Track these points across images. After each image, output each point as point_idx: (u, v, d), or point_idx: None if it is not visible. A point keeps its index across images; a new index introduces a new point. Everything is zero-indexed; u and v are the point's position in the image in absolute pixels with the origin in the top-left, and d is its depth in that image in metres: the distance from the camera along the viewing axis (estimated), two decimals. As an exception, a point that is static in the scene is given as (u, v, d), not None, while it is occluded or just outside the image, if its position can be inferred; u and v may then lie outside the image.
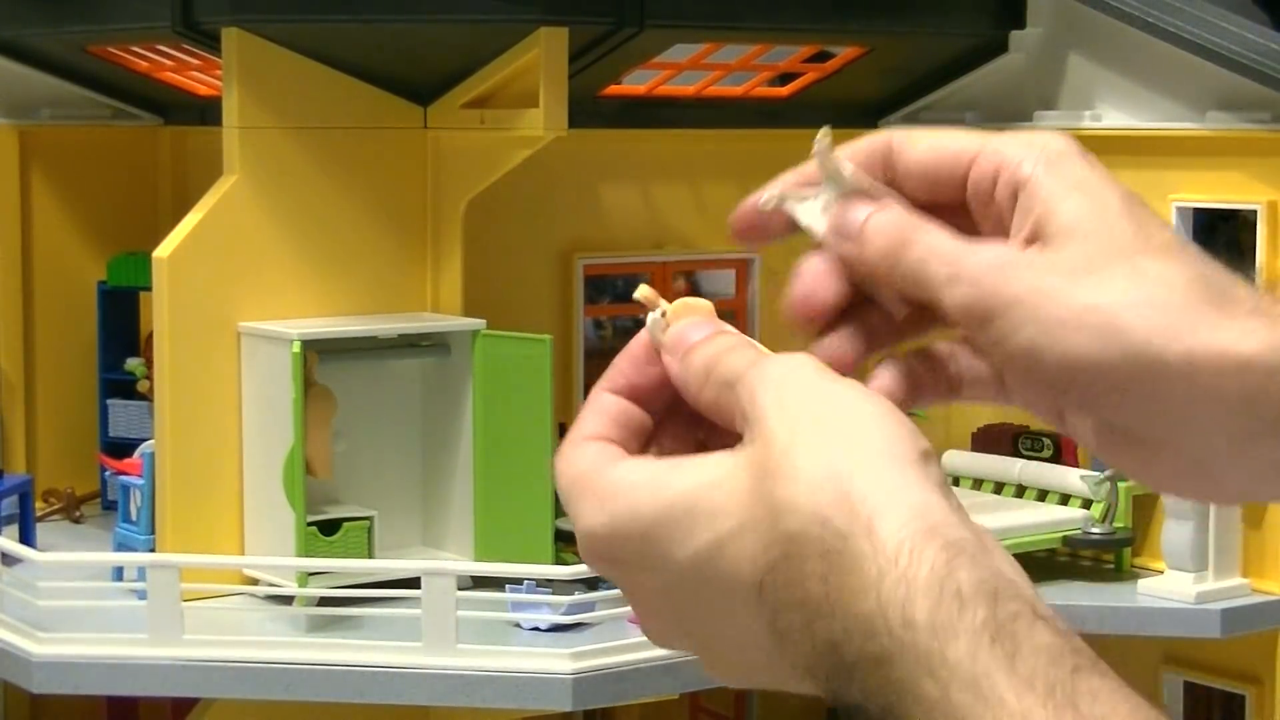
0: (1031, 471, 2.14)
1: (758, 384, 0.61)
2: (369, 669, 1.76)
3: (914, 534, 0.56)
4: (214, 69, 2.09)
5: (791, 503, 0.58)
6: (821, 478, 0.58)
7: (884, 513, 0.56)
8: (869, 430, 0.59)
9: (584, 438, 0.66)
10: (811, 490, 0.58)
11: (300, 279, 1.98)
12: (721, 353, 0.64)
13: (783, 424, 0.60)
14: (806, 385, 0.61)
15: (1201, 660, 2.11)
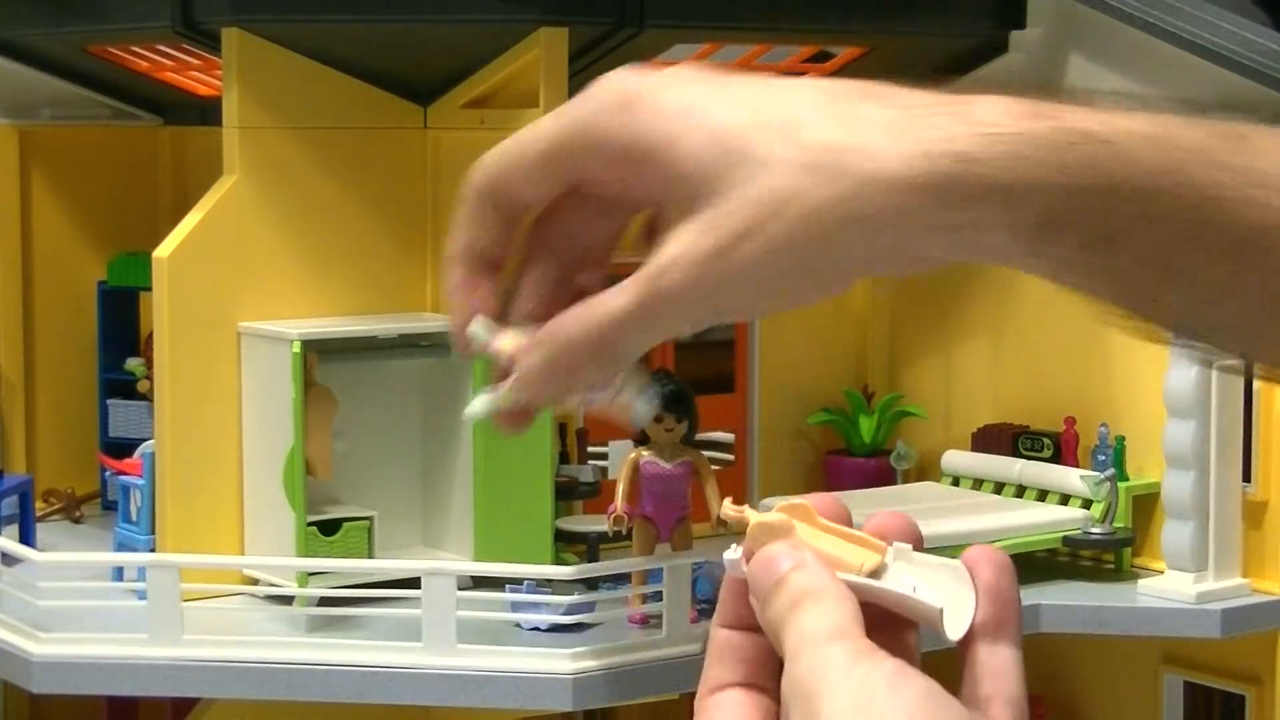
0: (1031, 471, 2.14)
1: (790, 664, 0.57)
2: (369, 669, 1.76)
3: None
4: (214, 69, 2.10)
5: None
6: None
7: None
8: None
9: (711, 690, 0.61)
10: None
11: (300, 279, 1.98)
12: (815, 595, 0.59)
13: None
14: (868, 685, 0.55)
15: (1201, 660, 2.11)
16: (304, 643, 1.80)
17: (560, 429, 2.06)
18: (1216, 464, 1.97)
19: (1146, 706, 2.16)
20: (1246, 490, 2.01)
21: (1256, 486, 2.02)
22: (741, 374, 2.31)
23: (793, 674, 0.56)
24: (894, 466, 2.29)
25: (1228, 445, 1.97)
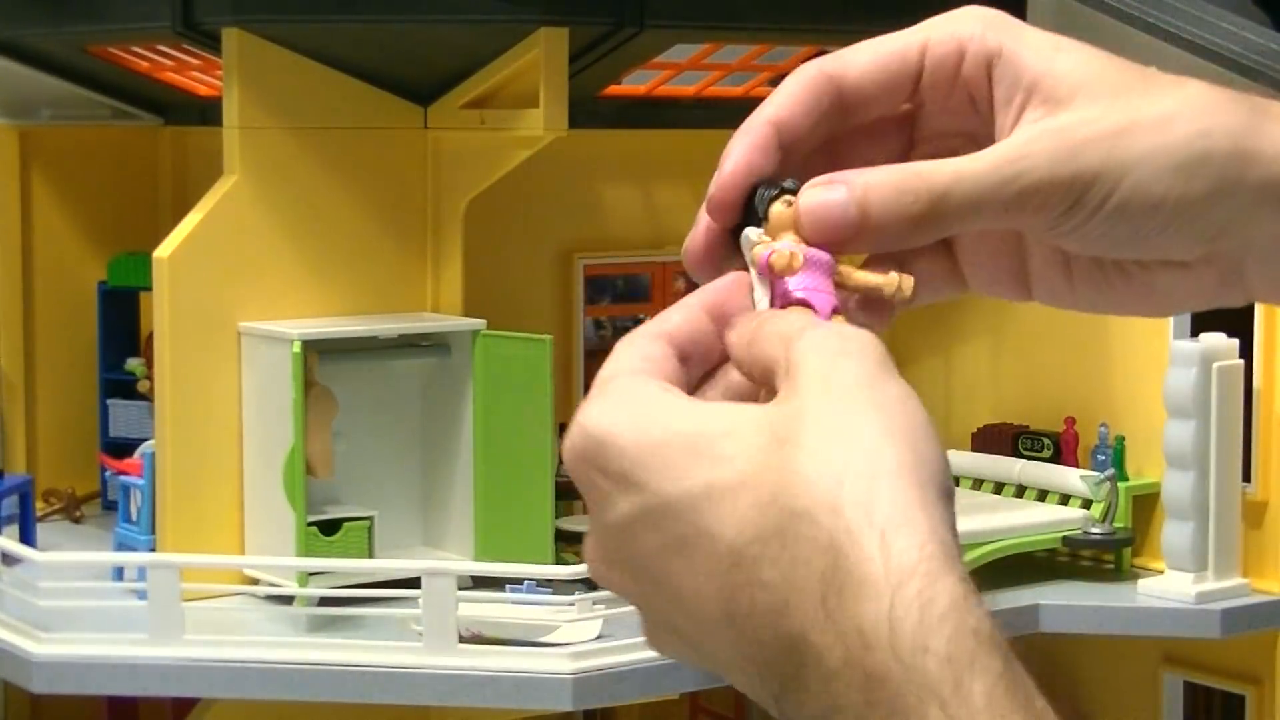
0: (1031, 471, 2.14)
1: (811, 349, 0.57)
2: (369, 669, 1.76)
3: (931, 557, 0.52)
4: (214, 69, 2.10)
5: (805, 480, 0.53)
6: (844, 469, 0.53)
7: (902, 527, 0.52)
8: (908, 443, 0.55)
9: (658, 333, 0.61)
10: (832, 476, 0.53)
11: (300, 279, 1.98)
12: (785, 310, 0.59)
13: (822, 400, 0.55)
14: (861, 371, 0.56)
15: (1201, 660, 2.11)
16: (304, 643, 1.80)
17: (560, 428, 2.06)
18: (1216, 464, 1.97)
19: (1146, 706, 2.17)
20: (1246, 490, 2.01)
21: (1256, 486, 2.02)
22: (741, 374, 2.30)
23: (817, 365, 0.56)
24: (894, 466, 2.29)
25: (1228, 445, 1.97)
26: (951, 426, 2.28)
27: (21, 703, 2.24)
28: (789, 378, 0.56)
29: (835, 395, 0.55)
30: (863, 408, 0.55)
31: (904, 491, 0.54)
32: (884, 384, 0.56)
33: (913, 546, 0.52)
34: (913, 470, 0.55)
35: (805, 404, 0.55)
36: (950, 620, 0.52)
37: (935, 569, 0.52)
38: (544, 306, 2.21)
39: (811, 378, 0.56)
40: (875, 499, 0.53)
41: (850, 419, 0.55)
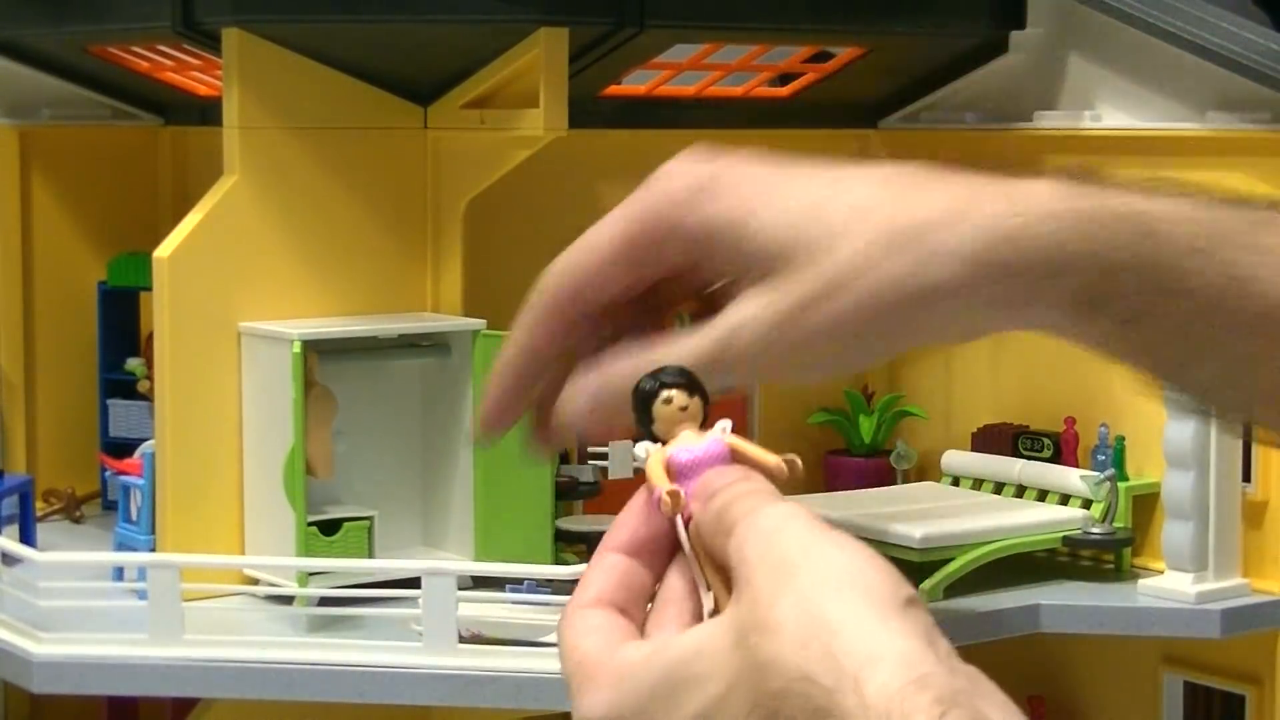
0: (1031, 471, 2.14)
1: (747, 538, 0.61)
2: (369, 669, 1.76)
3: (902, 687, 0.54)
4: (214, 69, 2.10)
5: (776, 660, 0.56)
6: (806, 633, 0.56)
7: (871, 666, 0.55)
8: (852, 582, 0.58)
9: (591, 602, 0.66)
10: (796, 646, 0.56)
11: (300, 279, 1.98)
12: (733, 500, 0.64)
13: (767, 580, 0.58)
14: (793, 538, 0.60)
15: (1201, 660, 2.11)
16: (304, 643, 1.80)
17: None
18: (1216, 464, 1.97)
19: (1146, 706, 2.17)
20: (1246, 490, 2.01)
21: (1256, 486, 2.02)
22: (741, 374, 2.30)
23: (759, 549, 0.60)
24: (894, 466, 2.29)
25: (1228, 445, 1.97)
26: (951, 426, 2.28)
27: (21, 703, 2.24)
28: (737, 578, 0.60)
29: (777, 573, 0.58)
30: (806, 572, 0.58)
31: (865, 629, 0.56)
32: (817, 542, 0.60)
33: (883, 683, 0.54)
34: (865, 604, 0.57)
35: (756, 592, 0.58)
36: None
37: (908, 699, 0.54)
38: (544, 306, 2.20)
39: (755, 566, 0.59)
40: (841, 652, 0.55)
41: (796, 588, 0.58)
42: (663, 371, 0.67)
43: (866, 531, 2.03)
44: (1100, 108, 2.13)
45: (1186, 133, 2.04)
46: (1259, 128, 1.98)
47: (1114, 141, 2.10)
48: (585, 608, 0.66)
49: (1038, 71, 2.19)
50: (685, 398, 0.67)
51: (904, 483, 2.28)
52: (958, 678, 0.56)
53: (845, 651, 0.55)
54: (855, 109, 2.31)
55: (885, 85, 2.29)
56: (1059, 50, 2.17)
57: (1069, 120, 2.13)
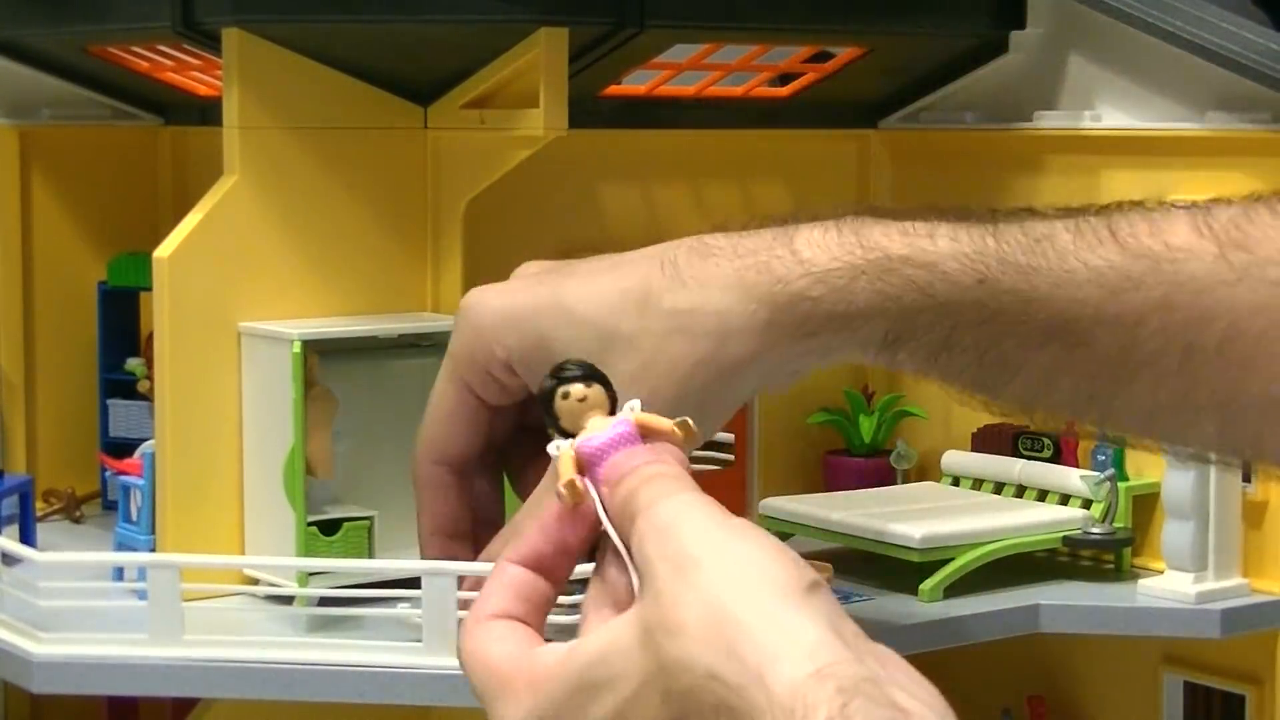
0: (1031, 471, 2.14)
1: (648, 534, 0.62)
2: (369, 669, 1.76)
3: (805, 679, 0.55)
4: (214, 69, 2.09)
5: (682, 660, 0.57)
6: (709, 631, 0.57)
7: (774, 660, 0.55)
8: (753, 573, 0.58)
9: (491, 615, 0.67)
10: (701, 645, 0.57)
11: (300, 279, 1.98)
12: (638, 486, 0.65)
13: (667, 577, 0.59)
14: (691, 531, 0.60)
15: (1201, 660, 2.11)
16: (304, 643, 1.80)
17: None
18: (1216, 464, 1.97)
19: (1146, 706, 2.17)
20: (1246, 490, 2.01)
21: (1256, 486, 2.02)
22: (741, 374, 2.30)
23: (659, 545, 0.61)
24: (894, 466, 2.29)
25: (1228, 445, 1.97)
26: (951, 426, 2.28)
27: (21, 703, 2.24)
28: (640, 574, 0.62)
29: (676, 567, 0.59)
30: (707, 567, 0.59)
31: (767, 621, 0.57)
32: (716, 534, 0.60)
33: (787, 676, 0.55)
34: (766, 594, 0.57)
35: (658, 590, 0.59)
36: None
37: (811, 692, 0.54)
38: (544, 306, 2.20)
39: (655, 562, 0.60)
40: (744, 647, 0.56)
41: (696, 582, 0.58)
42: (560, 368, 0.69)
43: (866, 531, 2.03)
44: (1100, 108, 2.13)
45: (1186, 133, 2.04)
46: (1259, 128, 1.98)
47: (1114, 141, 2.10)
48: (487, 620, 0.67)
49: (1038, 71, 2.19)
50: (583, 389, 0.68)
51: (904, 483, 2.28)
52: (864, 664, 0.56)
53: (749, 647, 0.56)
54: (855, 109, 2.31)
55: (885, 85, 2.29)
56: (1059, 50, 2.17)
57: (1069, 120, 2.13)
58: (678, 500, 0.62)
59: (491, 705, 0.64)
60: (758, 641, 0.56)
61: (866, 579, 2.03)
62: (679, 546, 0.60)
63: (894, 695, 0.56)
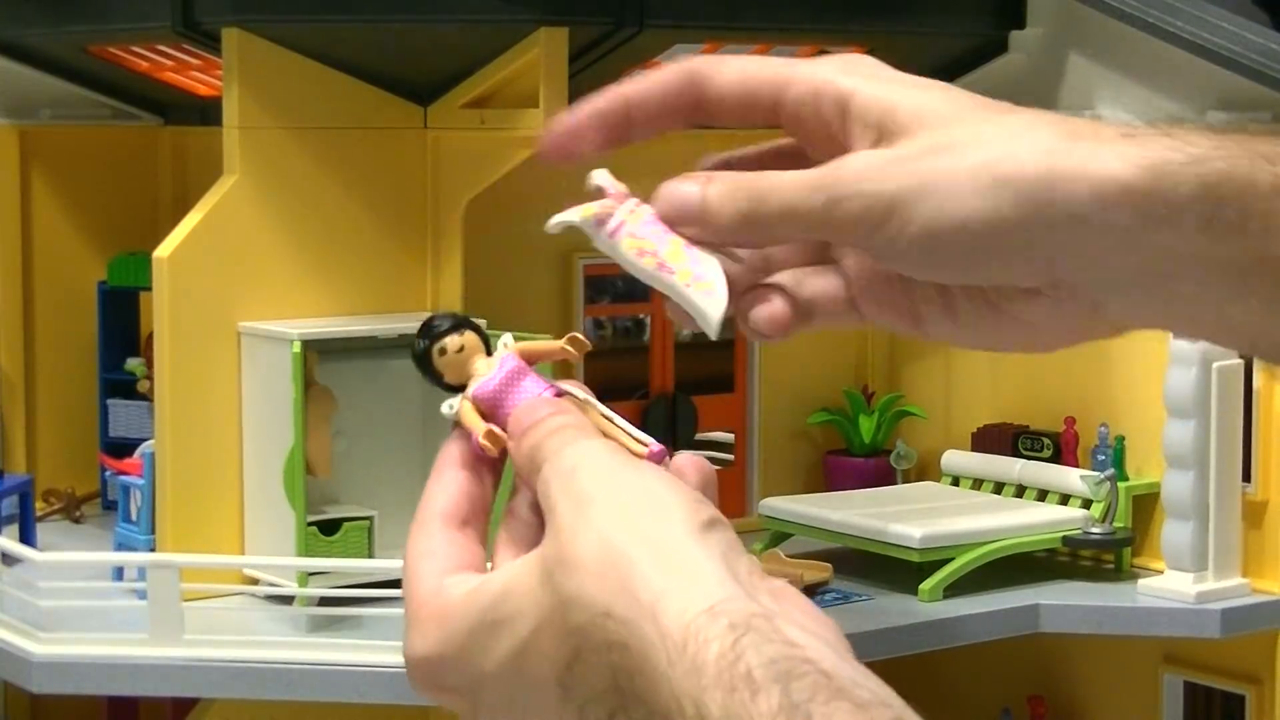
0: (1031, 471, 2.14)
1: (552, 477, 0.62)
2: (369, 669, 1.76)
3: (698, 616, 0.55)
4: (214, 69, 2.10)
5: (577, 595, 0.57)
6: (603, 567, 0.57)
7: (667, 596, 0.56)
8: (650, 509, 0.59)
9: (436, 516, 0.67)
10: (595, 580, 0.57)
11: (300, 279, 1.98)
12: (545, 435, 0.65)
13: (567, 515, 0.59)
14: (592, 471, 0.61)
15: (1201, 660, 2.11)
16: (304, 643, 1.80)
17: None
18: (1216, 464, 1.97)
19: (1146, 706, 2.17)
20: (1246, 490, 2.01)
21: (1256, 486, 2.02)
22: (741, 374, 2.31)
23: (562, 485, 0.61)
24: (894, 466, 2.29)
25: (1228, 445, 1.97)
26: (951, 426, 2.28)
27: (21, 703, 2.24)
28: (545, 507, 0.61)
29: (576, 506, 0.60)
30: (603, 504, 0.59)
31: (662, 557, 0.57)
32: (612, 473, 0.61)
33: (679, 611, 0.55)
34: (661, 531, 0.58)
35: (558, 528, 0.59)
36: (721, 683, 0.54)
37: (703, 629, 0.55)
38: (544, 306, 2.21)
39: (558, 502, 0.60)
40: (637, 583, 0.56)
41: (593, 520, 0.59)
42: (425, 329, 0.68)
43: (866, 531, 2.04)
44: (1100, 108, 2.13)
45: (1186, 133, 2.04)
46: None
47: (1114, 141, 2.10)
48: (427, 523, 0.67)
49: (1038, 71, 2.19)
50: (457, 339, 0.68)
51: (904, 483, 2.28)
52: (757, 600, 0.56)
53: (641, 583, 0.56)
54: (855, 109, 2.30)
55: (885, 85, 2.28)
56: (1059, 50, 2.17)
57: (1069, 120, 2.13)
58: (581, 445, 0.63)
59: (406, 632, 0.65)
60: (650, 578, 0.56)
61: (866, 579, 2.03)
62: (580, 486, 0.60)
63: (786, 631, 0.55)
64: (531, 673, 0.59)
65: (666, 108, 0.73)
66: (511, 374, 0.68)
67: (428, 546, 0.66)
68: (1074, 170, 0.64)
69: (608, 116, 0.73)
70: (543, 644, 0.59)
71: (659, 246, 0.68)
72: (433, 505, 0.67)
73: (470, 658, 0.61)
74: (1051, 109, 2.10)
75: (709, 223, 0.69)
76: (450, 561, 0.65)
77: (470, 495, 0.67)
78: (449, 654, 0.62)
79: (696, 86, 0.72)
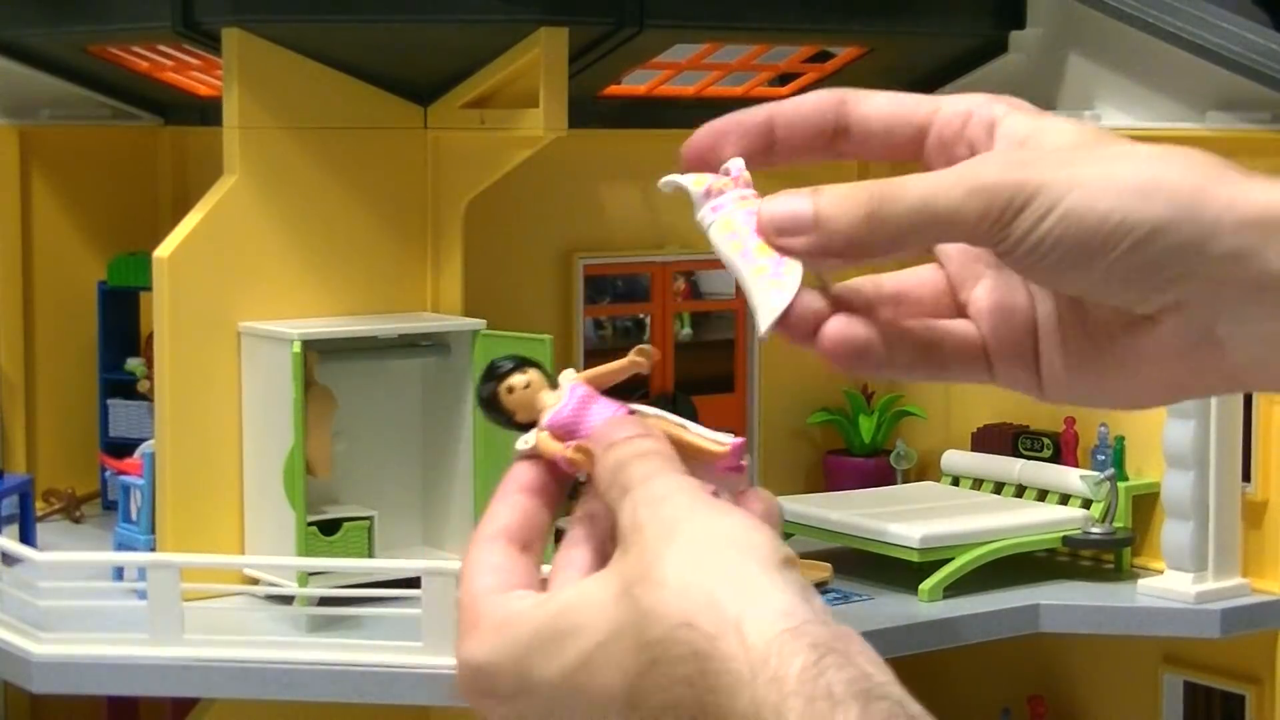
0: (1031, 471, 2.14)
1: (641, 501, 0.62)
2: (369, 669, 1.76)
3: (781, 634, 0.56)
4: (214, 69, 2.10)
5: (658, 608, 0.58)
6: (687, 584, 0.58)
7: (750, 615, 0.57)
8: (733, 542, 0.60)
9: (497, 534, 0.67)
10: (678, 596, 0.58)
11: (300, 279, 1.98)
12: (632, 458, 0.65)
13: (653, 537, 0.60)
14: (680, 504, 0.62)
15: (1201, 660, 2.11)
16: (304, 643, 1.80)
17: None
18: (1216, 464, 1.97)
19: (1146, 706, 2.17)
20: (1246, 490, 2.01)
21: (1256, 486, 2.02)
22: (741, 374, 2.31)
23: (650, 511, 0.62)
24: (894, 466, 2.29)
25: (1228, 445, 1.97)
26: (951, 426, 2.28)
27: (21, 703, 2.24)
28: (625, 535, 0.62)
29: (663, 533, 0.61)
30: (690, 532, 0.60)
31: (747, 582, 0.58)
32: (699, 508, 0.62)
33: (763, 629, 0.57)
34: (745, 562, 0.59)
35: (642, 549, 0.60)
36: (802, 694, 0.55)
37: (785, 646, 0.56)
38: (544, 306, 2.21)
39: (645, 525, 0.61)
40: (723, 601, 0.58)
41: (679, 547, 0.60)
42: (489, 372, 0.69)
43: (866, 531, 2.04)
44: (1100, 108, 2.13)
45: (1186, 133, 2.04)
46: (1259, 128, 1.98)
47: (1114, 141, 2.10)
48: (491, 540, 0.67)
49: (1038, 71, 2.19)
50: (521, 376, 0.69)
51: (904, 483, 2.28)
52: (831, 630, 0.58)
53: (728, 599, 0.57)
54: (855, 109, 2.30)
55: (885, 85, 2.27)
56: (1059, 50, 2.17)
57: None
58: (671, 479, 0.63)
59: (459, 640, 0.66)
60: (735, 597, 0.57)
61: (866, 579, 2.03)
62: (668, 514, 0.61)
63: (861, 662, 0.57)
64: (595, 684, 0.60)
65: (811, 128, 0.72)
66: (583, 400, 0.69)
67: (491, 561, 0.67)
68: (1225, 191, 0.64)
69: (750, 129, 0.70)
70: (612, 655, 0.59)
71: (749, 235, 0.67)
72: (497, 522, 0.68)
73: (528, 666, 0.62)
74: (1051, 109, 2.11)
75: (823, 227, 0.66)
76: (513, 578, 0.66)
77: (533, 521, 0.68)
78: (506, 662, 0.63)
79: (845, 105, 0.72)
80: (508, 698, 0.63)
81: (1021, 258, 0.66)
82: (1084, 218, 0.64)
